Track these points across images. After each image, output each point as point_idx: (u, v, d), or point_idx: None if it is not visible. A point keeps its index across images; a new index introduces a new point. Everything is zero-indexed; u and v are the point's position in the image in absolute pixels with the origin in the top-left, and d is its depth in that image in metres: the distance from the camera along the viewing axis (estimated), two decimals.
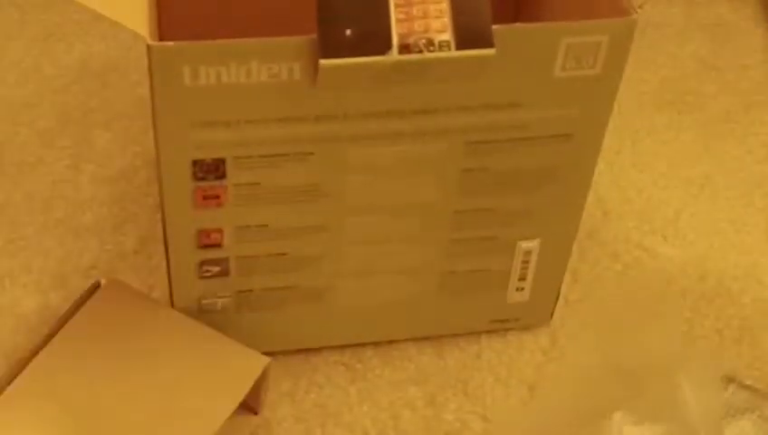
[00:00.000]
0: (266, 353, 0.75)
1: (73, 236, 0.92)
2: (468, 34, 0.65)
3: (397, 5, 0.64)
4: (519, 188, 0.75)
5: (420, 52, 0.65)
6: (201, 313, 0.77)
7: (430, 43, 0.64)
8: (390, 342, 0.84)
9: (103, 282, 0.78)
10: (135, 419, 0.69)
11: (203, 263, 0.75)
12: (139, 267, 0.89)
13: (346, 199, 0.73)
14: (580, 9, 0.73)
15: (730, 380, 0.76)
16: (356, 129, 0.69)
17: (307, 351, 0.83)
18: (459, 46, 0.65)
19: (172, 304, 0.78)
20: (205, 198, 0.71)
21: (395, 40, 0.64)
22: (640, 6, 0.68)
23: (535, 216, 0.77)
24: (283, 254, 0.75)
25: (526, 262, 0.80)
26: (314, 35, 0.63)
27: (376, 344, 0.84)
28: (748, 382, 0.77)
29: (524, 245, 0.79)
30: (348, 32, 0.64)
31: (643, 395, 0.66)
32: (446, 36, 0.65)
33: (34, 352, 0.73)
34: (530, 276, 0.82)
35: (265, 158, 0.69)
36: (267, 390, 0.77)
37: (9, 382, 0.71)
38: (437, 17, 0.64)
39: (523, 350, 0.85)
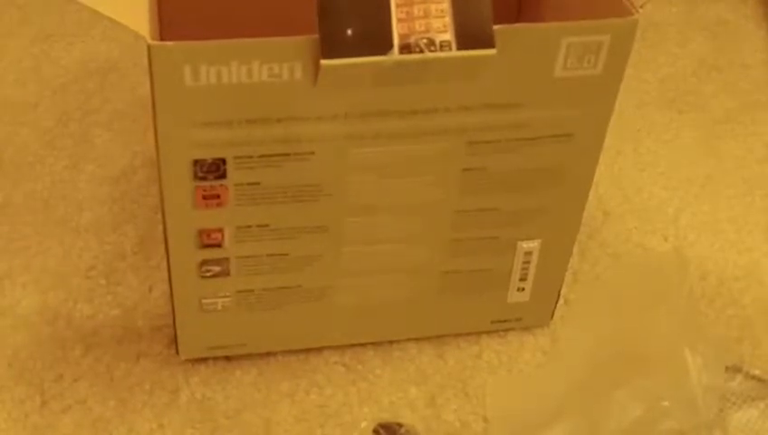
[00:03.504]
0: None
1: (73, 235, 0.92)
2: (469, 34, 0.65)
3: (398, 5, 0.64)
4: (520, 188, 0.75)
5: (421, 51, 0.65)
6: (201, 313, 0.77)
7: (431, 42, 0.64)
8: (391, 342, 0.84)
9: None
10: None
11: (203, 263, 0.74)
12: (139, 267, 0.89)
13: (347, 199, 0.73)
14: (582, 9, 0.73)
15: (737, 370, 0.76)
16: (357, 128, 0.69)
17: (307, 351, 0.83)
18: (460, 46, 0.65)
19: (172, 304, 0.78)
20: (205, 197, 0.70)
21: (396, 40, 0.64)
22: (641, 6, 0.68)
23: (536, 216, 0.77)
24: (284, 254, 0.75)
25: (527, 262, 0.80)
26: (315, 35, 0.63)
27: (376, 344, 0.84)
28: (756, 372, 0.77)
29: (525, 245, 0.79)
30: (349, 31, 0.63)
31: (645, 376, 0.66)
32: (447, 36, 0.65)
33: None
34: (530, 277, 0.82)
35: (266, 157, 0.69)
36: None
37: None
38: (438, 17, 0.64)
39: (524, 350, 0.85)
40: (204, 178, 0.69)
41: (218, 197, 0.71)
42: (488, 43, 0.65)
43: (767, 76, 1.18)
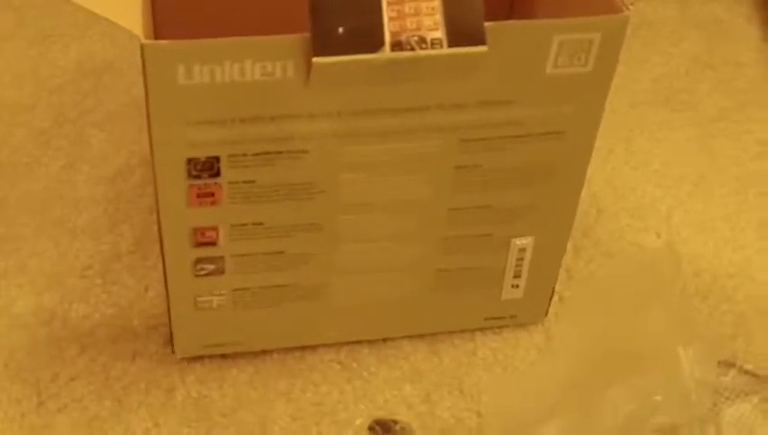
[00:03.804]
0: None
1: (69, 236, 0.92)
2: (460, 32, 0.65)
3: (389, 3, 0.64)
4: (513, 185, 0.75)
5: (412, 49, 0.65)
6: (197, 311, 0.78)
7: (422, 40, 0.65)
8: (385, 339, 0.84)
9: None
10: None
11: (198, 261, 0.75)
12: (135, 267, 0.89)
13: (340, 197, 0.73)
14: (573, 6, 0.73)
15: (730, 364, 0.76)
16: (350, 126, 0.69)
17: (303, 349, 0.83)
18: (451, 44, 0.65)
19: (168, 303, 0.78)
20: (199, 196, 0.71)
21: (387, 37, 0.64)
22: (632, 3, 0.69)
23: (529, 213, 0.78)
24: (279, 252, 0.75)
25: (521, 259, 0.81)
26: (307, 33, 0.64)
27: (371, 342, 0.84)
28: (748, 367, 0.78)
29: (519, 242, 0.79)
30: (340, 30, 0.64)
31: (639, 374, 0.66)
32: (439, 34, 0.65)
33: None
34: (524, 274, 0.82)
35: (260, 156, 0.69)
36: None
37: None
38: (429, 15, 0.65)
39: (518, 347, 0.85)
40: (198, 177, 0.70)
41: (212, 195, 0.71)
42: (479, 41, 0.66)
43: (761, 75, 1.18)
